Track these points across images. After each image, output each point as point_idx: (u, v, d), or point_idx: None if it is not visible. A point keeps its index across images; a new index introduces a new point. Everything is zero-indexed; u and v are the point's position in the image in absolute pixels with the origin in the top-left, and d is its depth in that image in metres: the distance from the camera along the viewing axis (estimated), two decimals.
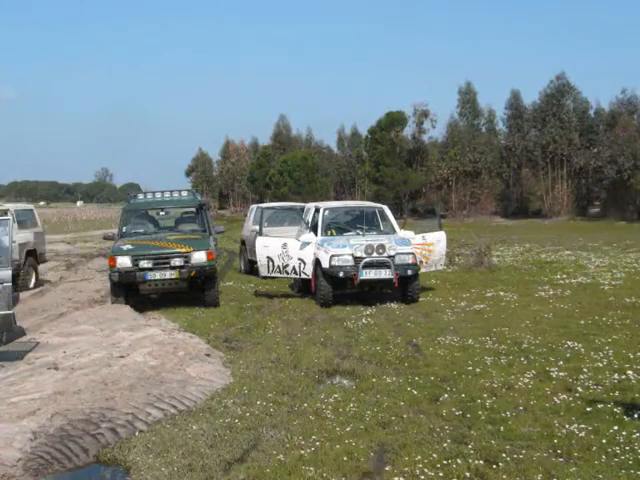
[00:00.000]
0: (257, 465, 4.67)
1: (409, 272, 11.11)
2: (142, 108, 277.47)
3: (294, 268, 11.90)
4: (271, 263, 11.98)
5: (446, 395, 6.12)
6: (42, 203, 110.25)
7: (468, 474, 4.40)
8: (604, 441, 4.82)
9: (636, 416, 5.30)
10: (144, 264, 10.95)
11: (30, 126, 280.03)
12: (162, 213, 13.59)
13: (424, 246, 12.35)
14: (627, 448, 4.69)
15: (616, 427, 5.05)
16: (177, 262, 11.02)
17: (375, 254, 11.09)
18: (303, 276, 11.98)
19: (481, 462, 4.57)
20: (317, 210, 12.53)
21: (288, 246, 11.92)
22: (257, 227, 13.19)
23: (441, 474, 4.42)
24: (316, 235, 11.90)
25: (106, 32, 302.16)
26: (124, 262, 10.95)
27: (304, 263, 11.79)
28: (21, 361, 7.80)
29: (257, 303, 11.92)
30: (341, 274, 11.01)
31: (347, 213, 13.08)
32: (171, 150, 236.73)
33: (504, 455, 4.66)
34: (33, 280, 14.80)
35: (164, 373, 7.10)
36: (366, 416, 5.61)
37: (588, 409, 5.51)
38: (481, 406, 5.76)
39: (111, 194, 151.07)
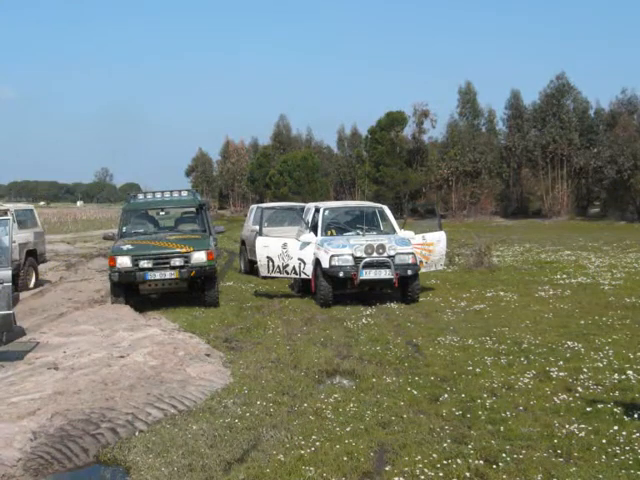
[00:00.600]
0: (257, 465, 4.67)
1: (409, 272, 11.11)
2: (142, 108, 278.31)
3: (294, 268, 11.90)
4: (271, 263, 11.98)
5: (446, 395, 6.12)
6: (42, 203, 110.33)
7: (468, 474, 4.40)
8: (604, 441, 4.82)
9: (636, 416, 5.30)
10: (144, 264, 10.96)
11: (30, 126, 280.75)
12: (162, 213, 13.60)
13: (424, 246, 12.36)
14: (627, 448, 4.69)
15: (616, 427, 5.05)
16: (177, 262, 11.02)
17: (375, 254, 11.09)
18: (303, 276, 11.98)
19: (481, 462, 4.57)
20: (317, 210, 12.53)
21: (288, 246, 11.92)
22: (257, 227, 13.19)
23: (441, 474, 4.42)
24: (316, 235, 11.90)
25: (106, 32, 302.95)
26: (124, 262, 10.96)
27: (304, 263, 11.79)
28: (21, 361, 7.80)
29: (257, 303, 11.92)
30: (341, 274, 11.01)
31: (347, 213, 13.08)
32: (171, 150, 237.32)
33: (504, 455, 4.66)
34: (33, 280, 14.80)
35: (164, 373, 7.10)
36: (366, 416, 5.61)
37: (588, 409, 5.51)
38: (481, 406, 5.76)
39: (111, 194, 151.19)
